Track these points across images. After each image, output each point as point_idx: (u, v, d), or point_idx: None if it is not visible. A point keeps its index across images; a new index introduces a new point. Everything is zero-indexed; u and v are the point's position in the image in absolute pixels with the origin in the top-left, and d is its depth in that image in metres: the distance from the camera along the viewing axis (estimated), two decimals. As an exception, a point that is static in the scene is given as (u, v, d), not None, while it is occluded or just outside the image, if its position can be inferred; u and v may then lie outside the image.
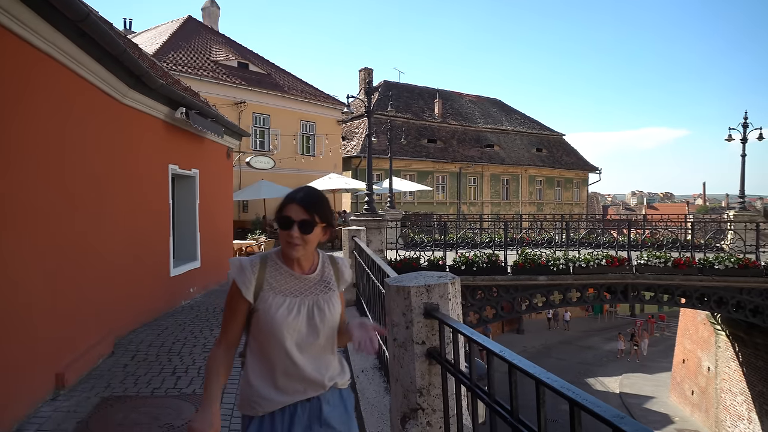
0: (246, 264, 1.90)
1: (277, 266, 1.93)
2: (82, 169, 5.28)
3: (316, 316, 1.90)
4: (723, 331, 17.75)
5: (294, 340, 1.85)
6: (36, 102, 4.36)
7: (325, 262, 2.04)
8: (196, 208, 9.57)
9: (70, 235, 5.00)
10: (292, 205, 1.87)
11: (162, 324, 7.23)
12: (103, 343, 5.58)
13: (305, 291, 1.93)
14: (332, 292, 1.99)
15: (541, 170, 38.78)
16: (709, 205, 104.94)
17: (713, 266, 11.70)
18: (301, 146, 25.02)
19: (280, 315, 1.84)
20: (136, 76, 6.07)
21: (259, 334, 1.87)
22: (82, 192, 5.28)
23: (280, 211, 1.88)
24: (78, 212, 5.20)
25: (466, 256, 11.96)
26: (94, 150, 5.58)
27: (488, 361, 1.80)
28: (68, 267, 4.96)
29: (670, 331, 34.83)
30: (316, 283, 1.96)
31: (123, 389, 4.66)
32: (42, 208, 4.48)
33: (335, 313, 1.97)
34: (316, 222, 1.87)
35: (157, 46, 20.96)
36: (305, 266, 1.96)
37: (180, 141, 8.72)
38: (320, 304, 1.93)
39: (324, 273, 2.00)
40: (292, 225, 1.84)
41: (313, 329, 1.89)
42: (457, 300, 2.56)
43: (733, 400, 17.68)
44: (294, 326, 1.85)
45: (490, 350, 1.76)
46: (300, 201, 1.87)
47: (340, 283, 2.05)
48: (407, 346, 2.47)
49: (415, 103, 36.33)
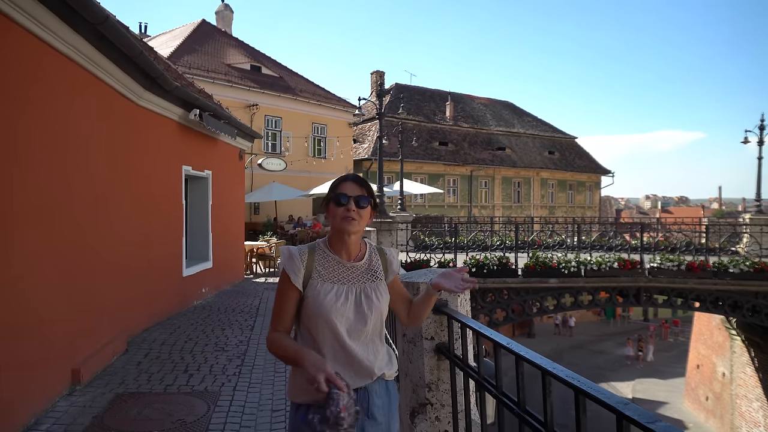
0: (295, 252, 1.94)
1: (325, 254, 1.97)
2: (97, 170, 5.37)
3: (363, 303, 1.92)
4: (738, 335, 17.50)
5: (343, 326, 1.87)
6: (54, 103, 4.46)
7: (372, 252, 2.06)
8: (208, 209, 9.67)
9: (85, 234, 5.09)
10: (347, 183, 1.94)
11: (175, 323, 7.31)
12: (117, 341, 5.66)
13: (352, 278, 1.95)
14: (379, 281, 1.99)
15: (553, 173, 38.54)
16: (725, 209, 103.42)
17: (728, 270, 11.56)
18: (312, 148, 25.16)
19: (328, 301, 1.87)
20: (152, 78, 6.16)
21: (308, 321, 1.90)
22: (97, 192, 5.37)
23: (334, 190, 1.94)
24: (93, 212, 5.29)
25: (477, 259, 11.94)
26: (110, 151, 5.68)
27: (495, 355, 1.82)
28: (83, 266, 5.05)
29: (684, 336, 34.36)
30: (363, 272, 1.98)
31: (137, 386, 4.73)
32: (58, 207, 4.57)
33: (383, 302, 1.97)
34: (368, 198, 1.93)
35: (171, 50, 21.24)
36: (353, 254, 1.99)
37: (193, 142, 8.83)
38: (367, 292, 1.94)
39: (371, 262, 2.02)
40: (348, 200, 1.90)
41: (361, 316, 1.91)
42: (466, 296, 2.59)
43: (749, 406, 17.40)
44: (342, 312, 1.87)
45: (497, 342, 1.78)
46: (353, 179, 1.96)
47: (388, 273, 2.05)
48: (416, 342, 2.50)
49: (426, 105, 36.34)
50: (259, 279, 12.29)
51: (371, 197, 1.95)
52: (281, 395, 4.63)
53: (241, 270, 12.29)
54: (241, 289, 10.64)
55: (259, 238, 15.75)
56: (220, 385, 4.80)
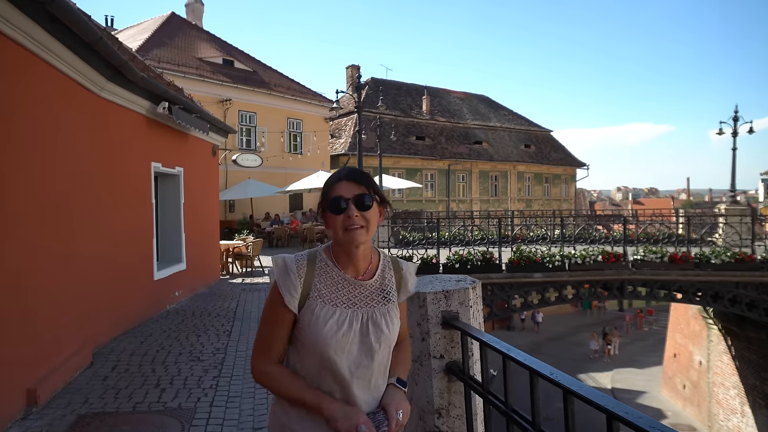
0: (291, 265, 1.55)
1: (327, 268, 1.58)
2: (56, 167, 4.89)
3: (371, 334, 1.54)
4: (715, 325, 17.73)
5: (344, 362, 1.50)
6: (2, 94, 3.98)
7: (386, 265, 1.67)
8: (180, 207, 9.17)
9: (42, 237, 4.62)
10: (340, 183, 1.54)
11: (145, 331, 6.85)
12: (81, 354, 5.20)
13: (360, 301, 1.57)
14: (391, 304, 1.61)
15: (529, 166, 38.69)
16: (693, 199, 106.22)
17: (710, 261, 11.57)
18: (288, 144, 24.61)
19: (327, 330, 1.49)
20: (115, 68, 5.68)
21: (301, 350, 1.54)
22: (56, 191, 4.90)
23: (326, 195, 1.55)
24: (50, 212, 4.81)
25: (460, 254, 11.69)
26: (69, 146, 5.19)
27: (531, 385, 1.51)
28: (40, 272, 4.58)
29: (658, 324, 34.98)
30: (373, 292, 1.60)
31: (102, 405, 4.29)
32: (9, 208, 4.10)
33: (393, 332, 1.59)
34: (372, 195, 1.54)
35: (139, 43, 20.45)
36: (361, 268, 1.60)
37: (163, 138, 8.32)
38: (376, 319, 1.56)
39: (384, 279, 1.63)
40: (348, 204, 1.51)
41: (366, 350, 1.53)
42: (478, 307, 2.27)
43: (726, 393, 17.66)
44: (343, 345, 1.50)
45: (535, 371, 1.47)
46: (347, 176, 1.56)
47: (401, 293, 1.66)
48: (423, 361, 2.17)
49: (403, 100, 36.02)
50: (236, 279, 11.82)
51: (375, 192, 1.56)
52: (263, 410, 4.26)
53: (216, 271, 11.80)
54: (217, 291, 10.17)
55: (235, 236, 15.22)
56: (195, 401, 4.40)
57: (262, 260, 13.57)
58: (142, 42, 20.69)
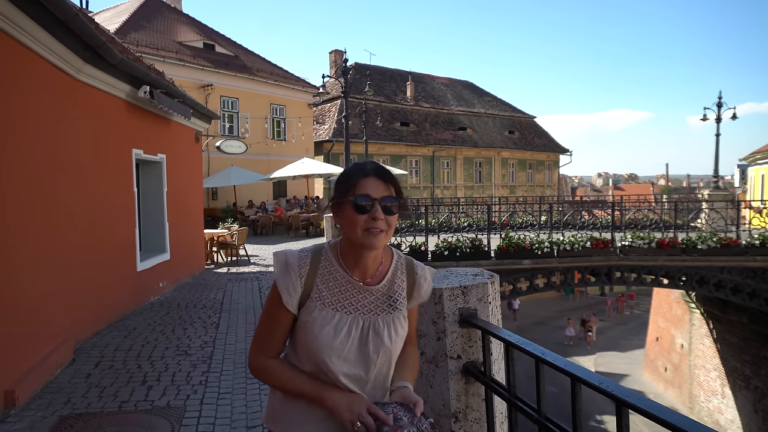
0: (293, 262, 1.44)
1: (332, 267, 1.46)
2: (27, 153, 4.60)
3: (370, 343, 1.43)
4: (698, 308, 17.99)
5: (337, 369, 1.41)
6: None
7: (398, 268, 1.53)
8: (163, 196, 8.88)
9: (17, 229, 4.35)
10: (368, 179, 1.40)
11: (129, 324, 6.61)
12: (62, 350, 4.96)
13: (363, 307, 1.46)
14: (398, 312, 1.49)
15: (513, 153, 38.76)
16: (672, 185, 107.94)
17: (696, 246, 11.64)
18: (271, 130, 24.21)
19: (324, 335, 1.40)
20: (92, 49, 5.37)
21: (299, 350, 1.46)
22: (30, 180, 4.62)
23: (350, 188, 1.40)
24: (25, 201, 4.54)
25: (449, 241, 11.59)
26: (43, 131, 4.90)
27: (573, 394, 1.36)
28: (16, 264, 4.32)
29: (639, 308, 35.55)
30: (379, 298, 1.48)
31: (85, 405, 4.08)
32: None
33: (396, 343, 1.47)
34: (398, 198, 1.42)
35: (116, 26, 19.80)
36: (370, 271, 1.47)
37: (144, 123, 8.00)
38: (378, 328, 1.45)
39: (393, 284, 1.51)
40: (374, 204, 1.37)
41: (363, 359, 1.43)
42: (497, 303, 2.11)
43: (707, 375, 18.00)
44: (340, 352, 1.41)
45: (578, 378, 1.32)
46: (376, 173, 1.42)
47: (412, 299, 1.54)
48: (439, 362, 2.01)
49: (387, 85, 35.66)
50: (221, 269, 11.57)
51: (400, 197, 1.43)
52: (256, 407, 4.10)
53: (201, 260, 11.54)
54: (203, 281, 9.93)
55: (219, 225, 14.92)
56: (184, 399, 4.21)
57: (248, 249, 13.33)
58: (119, 25, 20.04)
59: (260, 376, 1.48)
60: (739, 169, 55.14)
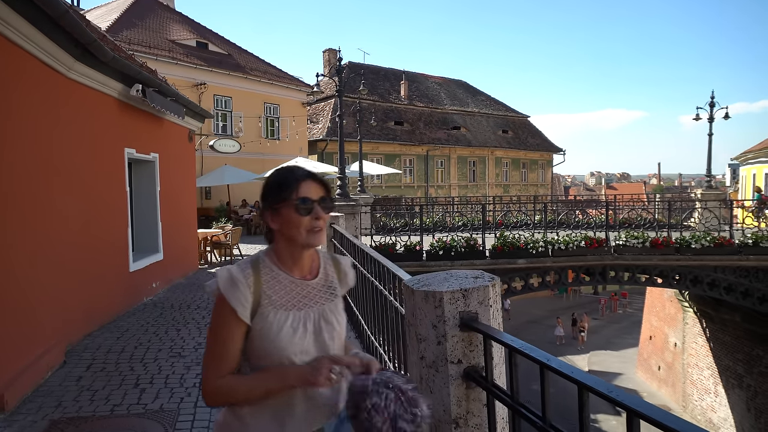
0: (238, 276, 1.47)
1: (273, 272, 1.53)
2: (17, 152, 4.52)
3: (324, 331, 1.54)
4: (691, 307, 18.08)
5: (301, 363, 1.47)
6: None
7: (326, 262, 1.67)
8: (156, 195, 8.79)
9: (5, 227, 4.27)
10: (307, 183, 1.50)
11: (122, 325, 6.53)
12: (53, 352, 4.89)
13: (309, 301, 1.55)
14: (337, 299, 1.63)
15: (507, 152, 38.82)
16: (664, 184, 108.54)
17: (690, 245, 11.68)
18: (265, 130, 24.08)
19: (284, 336, 1.46)
20: (83, 46, 5.29)
21: (258, 361, 1.47)
22: (20, 179, 4.53)
23: (291, 191, 1.48)
24: (15, 201, 4.46)
25: (444, 241, 11.58)
26: (33, 130, 4.82)
27: (580, 402, 1.32)
28: (5, 264, 4.24)
29: (632, 307, 35.74)
30: (320, 290, 1.59)
31: (77, 408, 4.01)
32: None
33: (343, 326, 1.62)
34: (331, 199, 1.57)
35: (108, 24, 19.60)
36: (306, 268, 1.58)
37: (137, 122, 7.92)
38: (327, 316, 1.56)
39: (328, 276, 1.64)
40: (314, 206, 1.49)
41: (322, 348, 1.53)
42: (498, 306, 2.08)
43: (700, 374, 18.10)
44: (301, 347, 1.48)
45: (585, 386, 1.28)
46: (311, 177, 1.53)
47: (342, 286, 1.68)
48: (439, 366, 1.97)
49: (380, 85, 35.61)
50: (215, 269, 11.48)
51: (331, 197, 1.58)
52: (251, 410, 4.04)
53: (195, 260, 11.45)
54: (196, 281, 9.85)
55: (213, 224, 14.82)
56: (178, 402, 4.15)
57: (242, 249, 13.25)
58: (111, 23, 19.85)
59: (220, 399, 1.46)
60: (730, 169, 55.51)
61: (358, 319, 4.89)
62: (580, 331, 28.92)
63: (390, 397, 1.39)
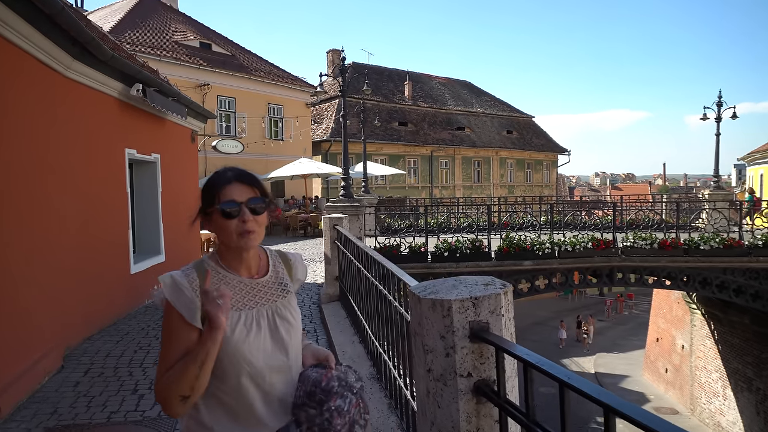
0: (181, 280, 1.44)
1: (219, 275, 1.52)
2: (14, 152, 4.43)
3: (280, 328, 1.55)
4: (699, 309, 17.86)
5: (261, 362, 1.48)
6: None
7: (275, 260, 1.68)
8: (158, 196, 8.69)
9: (4, 232, 4.18)
10: (231, 185, 1.50)
11: (122, 328, 6.43)
12: (50, 357, 4.79)
13: (261, 299, 1.55)
14: (290, 294, 1.64)
15: (511, 152, 38.63)
16: (669, 184, 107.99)
17: (698, 247, 11.50)
18: (269, 130, 24.02)
19: (238, 336, 1.46)
20: (81, 45, 5.19)
21: (217, 365, 1.43)
22: (16, 181, 4.44)
23: (214, 197, 1.48)
24: (11, 200, 4.36)
25: (449, 242, 11.44)
26: (30, 130, 4.72)
27: (606, 426, 1.20)
28: (3, 270, 4.15)
29: (638, 308, 35.46)
30: (271, 287, 1.59)
31: (73, 415, 3.91)
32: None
33: (298, 320, 1.63)
34: (263, 199, 1.54)
35: (111, 25, 19.59)
36: (253, 268, 1.59)
37: (138, 123, 7.82)
38: (281, 312, 1.57)
39: (278, 273, 1.64)
40: (241, 208, 1.47)
41: (279, 344, 1.54)
42: (510, 315, 1.95)
43: (708, 377, 17.87)
44: (257, 345, 1.48)
45: (613, 409, 1.16)
46: (238, 178, 1.52)
47: (294, 282, 1.69)
48: (447, 380, 1.84)
49: (384, 85, 35.51)
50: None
51: (265, 195, 1.55)
52: (251, 417, 3.93)
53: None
54: (198, 284, 9.74)
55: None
56: (176, 409, 4.04)
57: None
58: (114, 23, 19.85)
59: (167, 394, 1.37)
60: (735, 169, 55.11)
61: (362, 324, 4.76)
62: (584, 334, 28.67)
63: (352, 402, 1.48)
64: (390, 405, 3.53)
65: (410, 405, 2.87)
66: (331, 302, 6.87)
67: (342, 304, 6.46)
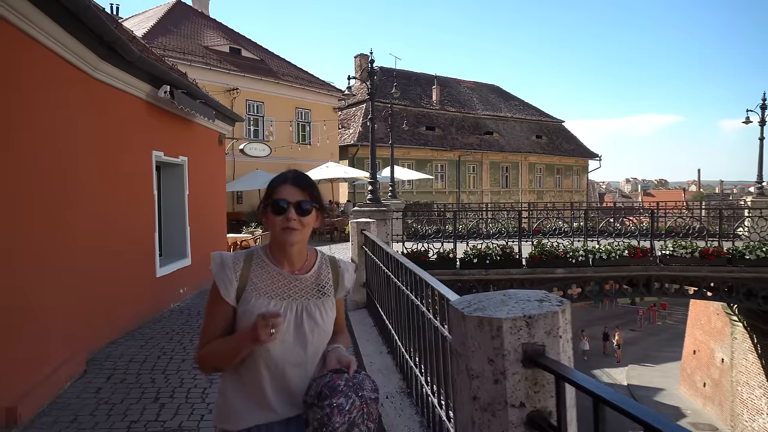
0: (228, 260, 1.66)
1: (263, 264, 1.70)
2: (39, 155, 4.36)
3: (305, 324, 1.66)
4: (740, 321, 17.06)
5: (277, 352, 1.61)
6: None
7: (323, 263, 1.79)
8: (185, 199, 8.65)
9: (26, 234, 4.10)
10: (285, 186, 1.67)
11: (146, 333, 6.35)
12: (73, 362, 4.70)
13: (294, 293, 1.68)
14: (326, 297, 1.73)
15: (541, 157, 37.92)
16: (704, 191, 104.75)
17: (743, 256, 10.91)
18: (296, 134, 24.06)
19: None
20: (108, 45, 5.13)
21: None
22: (41, 183, 4.37)
23: (270, 195, 1.67)
24: (38, 207, 4.29)
25: (478, 248, 11.12)
26: (56, 132, 4.66)
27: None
28: (26, 268, 4.07)
29: (672, 319, 34.25)
30: (308, 285, 1.71)
31: (93, 424, 3.78)
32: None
33: (328, 323, 1.72)
34: (312, 203, 1.67)
35: (144, 31, 19.91)
36: (296, 264, 1.72)
37: (165, 125, 7.79)
38: (310, 310, 1.68)
39: (320, 275, 1.75)
40: (288, 207, 1.63)
41: (300, 339, 1.65)
42: (568, 336, 1.69)
43: (751, 393, 17.03)
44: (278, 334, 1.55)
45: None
46: (293, 181, 1.68)
47: (338, 289, 1.78)
48: (496, 410, 1.60)
49: (412, 89, 35.32)
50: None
51: (315, 201, 1.68)
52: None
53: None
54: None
55: (243, 229, 14.73)
56: (198, 420, 3.88)
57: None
58: (147, 30, 20.16)
59: (203, 365, 1.63)
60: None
61: (391, 334, 4.53)
62: (616, 346, 27.60)
63: (355, 404, 1.50)
64: (422, 423, 3.28)
65: (445, 426, 2.63)
66: (357, 309, 6.66)
67: (369, 311, 6.24)
